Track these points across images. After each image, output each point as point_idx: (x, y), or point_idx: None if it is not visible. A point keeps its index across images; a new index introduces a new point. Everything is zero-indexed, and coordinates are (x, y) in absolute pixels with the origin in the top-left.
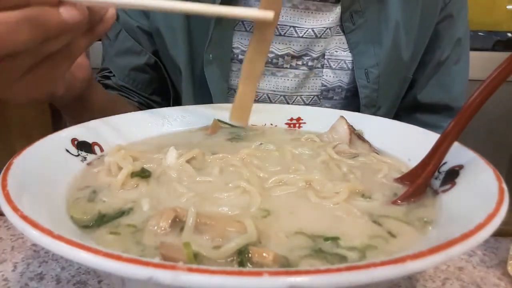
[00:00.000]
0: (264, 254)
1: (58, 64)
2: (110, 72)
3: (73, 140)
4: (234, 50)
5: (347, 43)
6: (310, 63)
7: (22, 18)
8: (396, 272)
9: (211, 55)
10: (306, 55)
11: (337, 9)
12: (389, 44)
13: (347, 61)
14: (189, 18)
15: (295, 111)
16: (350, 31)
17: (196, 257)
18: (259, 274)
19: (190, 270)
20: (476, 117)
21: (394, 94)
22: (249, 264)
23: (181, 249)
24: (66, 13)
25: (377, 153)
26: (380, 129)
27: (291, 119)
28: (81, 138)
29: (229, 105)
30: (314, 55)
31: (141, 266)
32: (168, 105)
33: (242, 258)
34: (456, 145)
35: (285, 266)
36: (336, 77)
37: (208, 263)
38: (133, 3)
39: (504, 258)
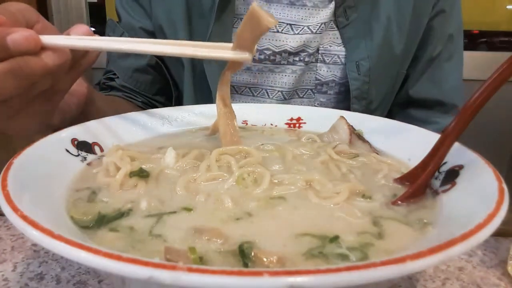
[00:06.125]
0: (265, 259)
1: (49, 99)
2: (114, 74)
3: (73, 140)
4: None
5: (341, 37)
6: (306, 59)
7: (5, 71)
8: (396, 272)
9: None
10: (303, 51)
11: (331, 5)
12: (380, 38)
13: (340, 56)
14: (190, 14)
15: (295, 111)
16: (344, 26)
17: (201, 261)
18: (259, 274)
19: (190, 270)
20: (476, 117)
21: (386, 89)
22: (254, 266)
23: (186, 253)
24: (48, 58)
25: (377, 153)
26: (380, 129)
27: (291, 119)
28: (81, 138)
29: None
30: (311, 51)
31: (141, 266)
32: (171, 105)
33: (247, 261)
34: (456, 145)
35: (285, 266)
36: (330, 71)
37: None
38: (108, 47)
39: (504, 258)
